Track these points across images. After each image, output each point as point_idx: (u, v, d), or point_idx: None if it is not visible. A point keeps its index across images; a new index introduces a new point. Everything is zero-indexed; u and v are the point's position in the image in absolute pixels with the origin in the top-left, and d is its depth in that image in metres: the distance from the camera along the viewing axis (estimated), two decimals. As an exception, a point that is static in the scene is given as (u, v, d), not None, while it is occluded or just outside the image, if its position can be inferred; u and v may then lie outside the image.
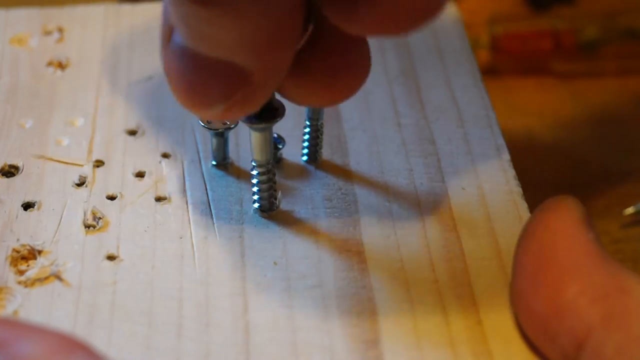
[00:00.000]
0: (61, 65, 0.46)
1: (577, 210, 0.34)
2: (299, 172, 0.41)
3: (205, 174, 0.41)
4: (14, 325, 0.32)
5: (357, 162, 0.41)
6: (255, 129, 0.37)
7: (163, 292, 0.36)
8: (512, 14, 0.57)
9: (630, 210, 0.47)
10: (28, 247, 0.38)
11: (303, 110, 0.41)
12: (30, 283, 0.37)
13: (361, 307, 0.36)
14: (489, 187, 0.40)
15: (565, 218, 0.34)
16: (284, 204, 0.40)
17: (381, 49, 0.47)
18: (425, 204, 0.40)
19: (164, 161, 0.41)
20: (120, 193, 0.40)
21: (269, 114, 0.37)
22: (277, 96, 0.37)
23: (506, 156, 0.42)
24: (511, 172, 0.41)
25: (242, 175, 0.41)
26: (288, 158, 0.42)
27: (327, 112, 0.42)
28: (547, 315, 0.32)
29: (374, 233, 0.38)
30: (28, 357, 0.30)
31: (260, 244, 0.38)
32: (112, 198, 0.40)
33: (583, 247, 0.33)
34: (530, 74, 0.55)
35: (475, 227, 0.39)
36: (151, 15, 0.48)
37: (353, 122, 0.43)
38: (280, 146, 0.41)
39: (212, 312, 0.36)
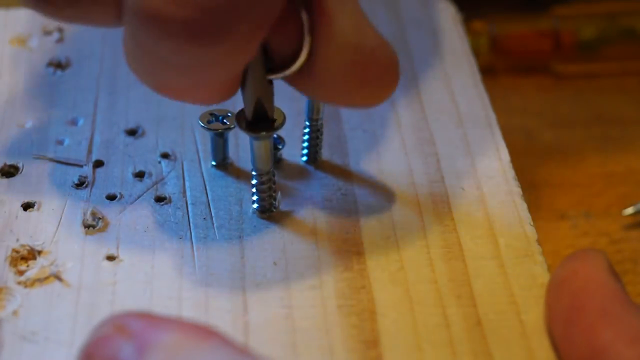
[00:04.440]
0: (61, 65, 0.46)
1: (604, 260, 0.35)
2: (299, 173, 0.41)
3: (204, 174, 0.41)
4: (147, 317, 0.32)
5: (357, 162, 0.41)
6: (255, 138, 0.37)
7: (163, 292, 0.36)
8: (512, 14, 0.57)
9: (630, 210, 0.47)
10: (28, 248, 0.38)
11: (303, 111, 0.41)
12: (30, 283, 0.37)
13: (361, 307, 0.36)
14: (488, 188, 0.40)
15: (594, 267, 0.35)
16: (284, 204, 0.40)
17: (381, 49, 0.47)
18: (425, 204, 0.40)
19: (164, 161, 0.41)
20: (120, 193, 0.40)
21: (268, 123, 0.37)
22: (276, 103, 0.37)
23: (506, 156, 0.42)
24: (511, 173, 0.41)
25: (241, 175, 0.41)
26: (288, 158, 0.42)
27: (327, 112, 0.42)
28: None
29: (373, 233, 0.38)
30: (162, 344, 0.31)
31: (259, 244, 0.38)
32: (112, 198, 0.40)
33: (613, 294, 0.34)
34: (530, 74, 0.55)
35: (475, 227, 0.39)
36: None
37: (353, 122, 0.43)
38: (280, 146, 0.41)
39: (212, 312, 0.36)
